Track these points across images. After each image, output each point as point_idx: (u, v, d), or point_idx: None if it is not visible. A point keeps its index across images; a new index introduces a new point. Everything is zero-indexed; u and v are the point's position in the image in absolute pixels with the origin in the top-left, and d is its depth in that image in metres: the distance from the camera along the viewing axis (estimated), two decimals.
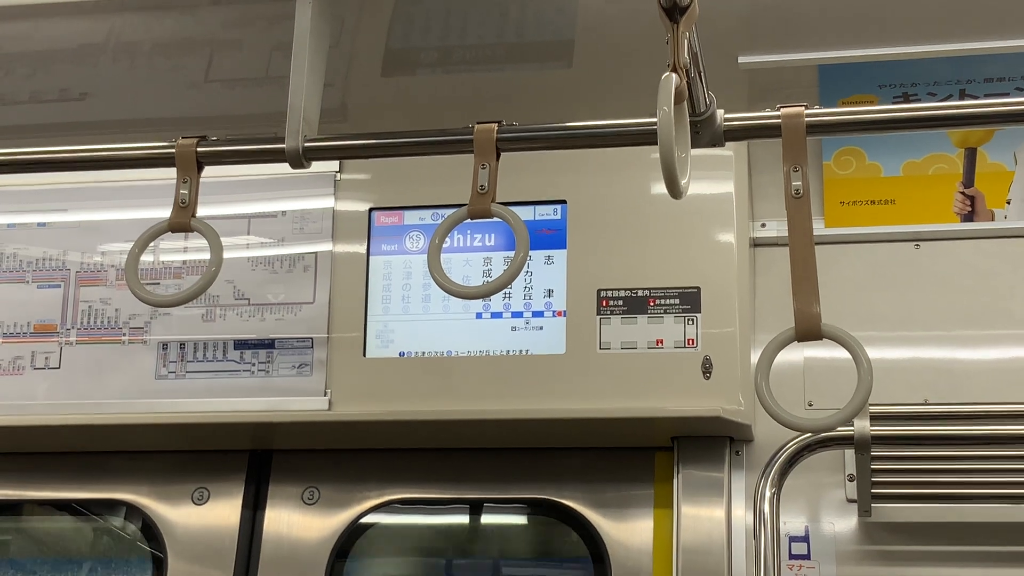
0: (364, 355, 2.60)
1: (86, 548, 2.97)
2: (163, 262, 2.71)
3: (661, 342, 2.49)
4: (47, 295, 2.75)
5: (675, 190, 1.66)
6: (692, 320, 2.48)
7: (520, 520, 2.85)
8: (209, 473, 2.75)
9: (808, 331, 1.68)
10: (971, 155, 2.67)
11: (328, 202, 2.68)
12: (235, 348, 2.65)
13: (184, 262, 2.70)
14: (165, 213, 1.98)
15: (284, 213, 2.70)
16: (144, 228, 1.99)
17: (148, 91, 3.03)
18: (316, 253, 2.66)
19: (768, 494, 2.36)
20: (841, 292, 2.60)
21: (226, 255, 1.97)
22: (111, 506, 2.81)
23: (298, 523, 2.69)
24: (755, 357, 2.46)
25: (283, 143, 1.95)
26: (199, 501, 2.73)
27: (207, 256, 1.93)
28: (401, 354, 2.59)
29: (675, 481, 2.53)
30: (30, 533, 3.03)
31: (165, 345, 2.67)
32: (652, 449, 2.60)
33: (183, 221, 1.96)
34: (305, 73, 1.95)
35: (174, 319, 2.68)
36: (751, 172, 2.64)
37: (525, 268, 2.29)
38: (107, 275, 2.74)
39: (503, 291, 2.32)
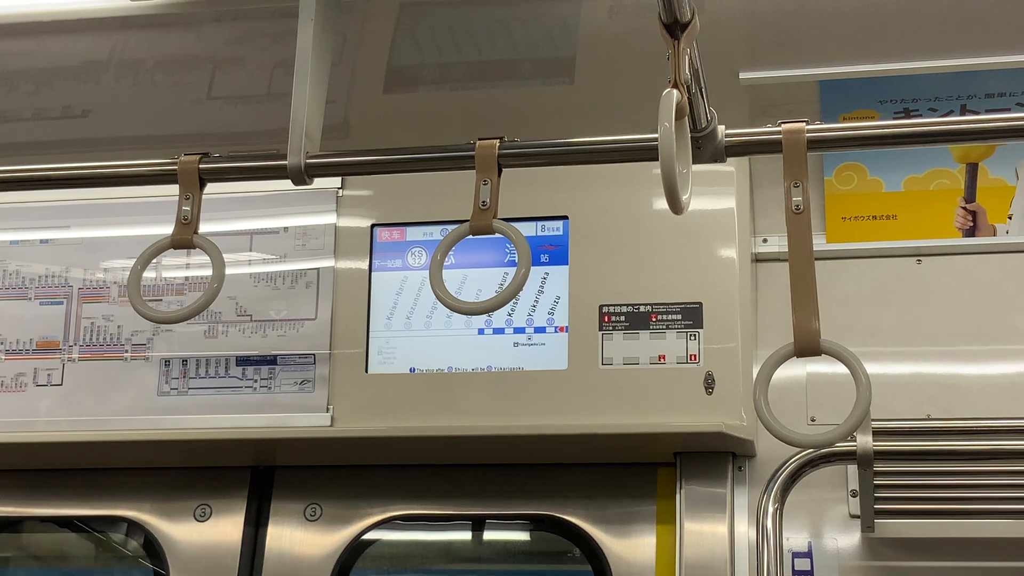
0: (366, 371, 2.60)
1: (88, 565, 2.97)
2: (165, 279, 2.71)
3: (663, 358, 2.49)
4: (50, 312, 2.75)
5: (676, 206, 1.66)
6: (694, 335, 2.48)
7: (523, 536, 2.85)
8: (211, 490, 2.75)
9: (807, 347, 1.68)
10: (972, 170, 2.67)
11: (330, 218, 2.69)
12: (237, 364, 2.65)
13: (186, 278, 2.70)
14: (167, 230, 1.98)
15: (286, 229, 2.70)
16: (147, 245, 1.99)
17: (151, 108, 3.04)
18: (318, 269, 2.66)
19: (771, 510, 2.35)
20: (843, 307, 2.60)
21: (228, 271, 1.97)
22: (113, 523, 2.81)
23: (300, 540, 2.69)
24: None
25: (285, 160, 1.95)
26: (201, 518, 2.72)
27: (209, 272, 1.94)
28: (404, 370, 2.59)
29: (677, 497, 2.53)
30: (32, 550, 3.03)
31: (167, 362, 2.68)
32: (654, 465, 2.59)
33: (185, 238, 1.96)
34: (307, 90, 1.96)
35: (176, 335, 2.68)
36: (753, 188, 2.65)
37: (527, 284, 2.29)
38: (109, 292, 2.74)
39: (505, 307, 2.32)
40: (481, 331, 2.58)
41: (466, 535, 2.83)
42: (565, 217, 2.60)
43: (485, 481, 2.67)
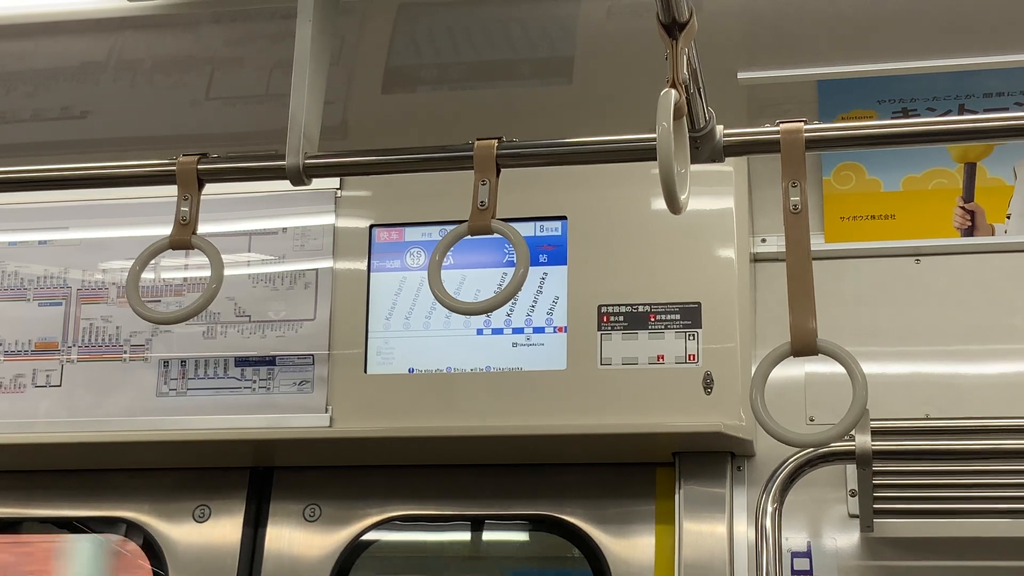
0: (365, 372, 2.60)
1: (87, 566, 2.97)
2: (164, 279, 2.71)
3: (662, 358, 2.49)
4: (48, 313, 2.75)
5: (674, 206, 1.66)
6: (693, 335, 2.48)
7: (522, 536, 2.85)
8: (210, 490, 2.75)
9: (804, 347, 1.68)
10: (971, 170, 2.67)
11: (329, 219, 2.69)
12: (236, 365, 2.65)
13: (185, 279, 2.70)
14: (166, 230, 1.98)
15: (285, 230, 2.70)
16: (145, 246, 1.99)
17: (149, 109, 3.04)
18: (317, 270, 2.66)
19: (770, 509, 2.35)
20: (842, 307, 2.61)
21: (227, 272, 1.97)
22: (112, 523, 2.81)
23: (299, 540, 2.69)
24: None
25: (284, 160, 1.95)
26: (200, 518, 2.72)
27: (208, 273, 1.93)
28: (403, 370, 2.59)
29: (676, 497, 2.53)
30: (32, 552, 3.02)
31: (166, 362, 2.68)
32: (653, 465, 2.59)
33: (184, 238, 1.96)
34: (306, 90, 1.96)
35: (175, 336, 2.68)
36: (751, 187, 2.65)
37: (526, 284, 2.29)
38: (108, 293, 2.74)
39: (504, 307, 2.32)
40: (480, 331, 2.58)
41: (465, 535, 2.83)
42: (564, 217, 2.60)
43: (484, 481, 2.67)
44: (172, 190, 2.00)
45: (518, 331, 2.56)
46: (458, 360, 2.57)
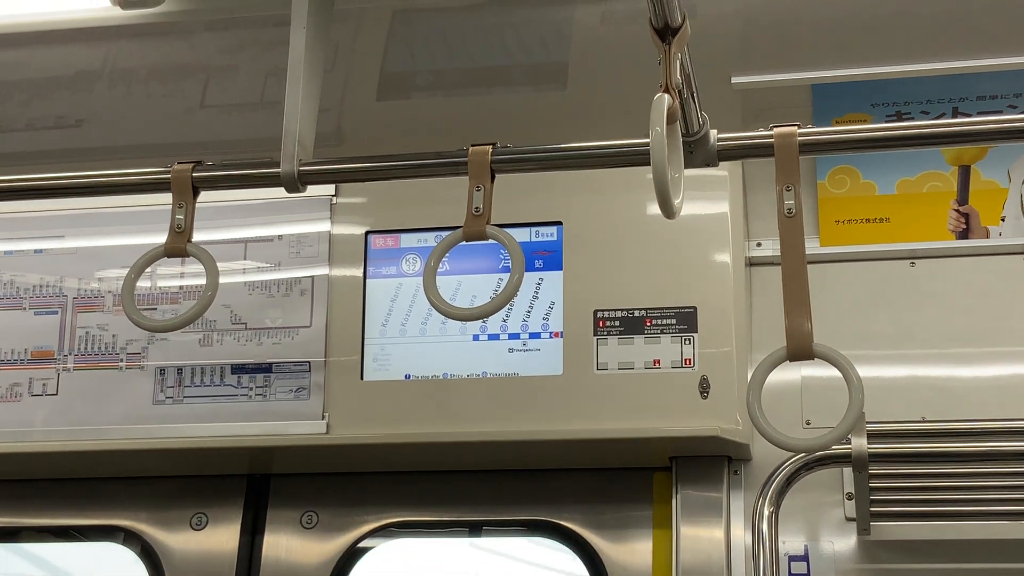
0: (361, 378, 2.60)
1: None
2: (160, 287, 2.71)
3: (658, 362, 2.49)
4: (44, 321, 2.75)
5: (668, 210, 1.67)
6: (689, 340, 2.49)
7: (519, 542, 2.84)
8: (207, 498, 2.74)
9: (799, 351, 1.68)
10: (965, 173, 2.67)
11: (324, 226, 2.69)
12: (232, 373, 2.65)
13: (181, 287, 2.70)
14: (162, 239, 1.98)
15: (280, 237, 2.70)
16: (141, 254, 1.99)
17: (144, 117, 3.04)
18: (313, 277, 2.66)
19: (767, 513, 2.35)
20: (837, 310, 2.61)
21: (223, 280, 1.97)
22: (110, 532, 2.81)
23: (297, 547, 2.68)
24: None
25: (278, 168, 1.95)
26: (197, 526, 2.72)
27: (203, 281, 1.93)
28: (399, 377, 2.59)
29: (674, 501, 2.53)
30: (29, 560, 3.02)
31: (162, 370, 2.67)
32: (650, 469, 2.60)
33: (179, 246, 1.96)
34: (300, 98, 1.96)
35: (171, 344, 2.68)
36: (746, 191, 2.65)
37: (522, 289, 2.29)
38: (104, 301, 2.74)
39: (500, 313, 2.32)
40: (476, 337, 2.58)
41: (463, 541, 2.83)
42: (559, 222, 2.60)
43: (481, 487, 2.67)
44: (167, 198, 2.00)
45: (514, 336, 2.57)
46: (454, 366, 2.57)
